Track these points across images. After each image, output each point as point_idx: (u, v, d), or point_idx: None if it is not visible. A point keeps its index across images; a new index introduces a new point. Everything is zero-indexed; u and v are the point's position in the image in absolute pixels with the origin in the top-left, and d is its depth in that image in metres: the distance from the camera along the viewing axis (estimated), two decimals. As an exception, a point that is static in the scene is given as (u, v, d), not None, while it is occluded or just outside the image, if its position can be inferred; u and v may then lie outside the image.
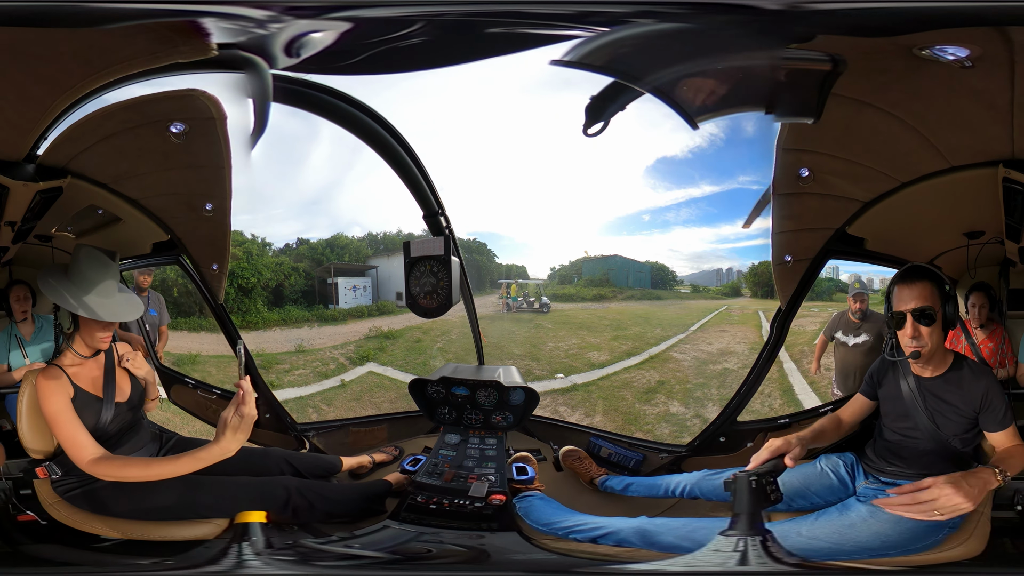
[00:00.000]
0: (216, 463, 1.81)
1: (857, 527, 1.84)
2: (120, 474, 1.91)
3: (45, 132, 2.07)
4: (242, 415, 1.76)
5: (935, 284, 1.94)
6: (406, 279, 2.28)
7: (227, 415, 1.77)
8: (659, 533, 1.90)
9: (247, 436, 1.78)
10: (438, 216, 2.56)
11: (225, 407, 1.77)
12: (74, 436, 1.93)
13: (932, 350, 1.94)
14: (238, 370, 1.85)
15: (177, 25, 1.73)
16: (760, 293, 3.94)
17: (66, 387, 1.98)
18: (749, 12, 1.69)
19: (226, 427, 1.76)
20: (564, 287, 4.66)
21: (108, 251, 2.08)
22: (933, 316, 1.92)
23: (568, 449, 2.59)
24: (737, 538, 1.72)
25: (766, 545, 1.72)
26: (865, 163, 2.15)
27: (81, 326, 2.03)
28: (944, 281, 1.97)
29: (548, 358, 4.43)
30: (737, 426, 2.62)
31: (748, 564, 1.68)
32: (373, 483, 2.42)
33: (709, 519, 1.91)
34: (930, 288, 1.93)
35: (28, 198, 2.18)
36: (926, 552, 1.80)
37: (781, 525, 1.89)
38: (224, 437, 1.76)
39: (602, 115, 2.04)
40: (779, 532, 1.79)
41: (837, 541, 1.81)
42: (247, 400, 1.77)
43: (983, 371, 1.98)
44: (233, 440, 1.77)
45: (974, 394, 1.92)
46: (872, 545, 1.80)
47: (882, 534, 1.80)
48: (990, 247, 2.28)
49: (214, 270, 2.66)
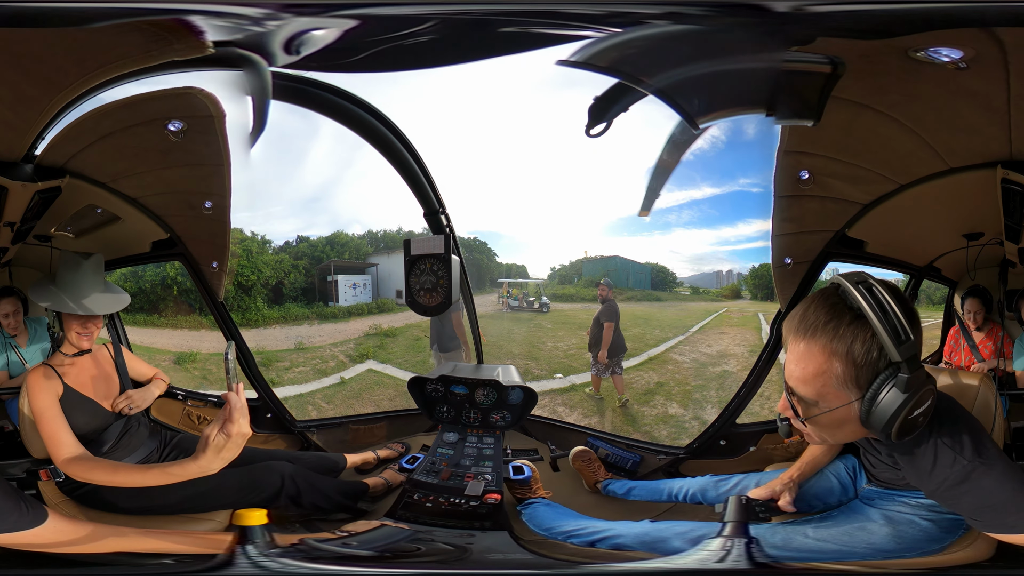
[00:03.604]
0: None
1: (868, 528, 1.80)
2: (87, 476, 1.87)
3: (42, 132, 2.07)
4: (228, 434, 1.49)
5: (841, 349, 1.23)
6: (406, 277, 2.28)
7: (210, 432, 1.51)
8: (664, 538, 1.86)
9: (234, 456, 1.54)
10: (439, 214, 2.56)
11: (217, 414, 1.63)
12: (55, 434, 1.93)
13: (826, 442, 1.42)
14: (226, 379, 1.55)
15: (167, 23, 1.72)
16: (760, 295, 3.94)
17: (55, 385, 1.99)
18: (759, 13, 1.68)
19: (208, 445, 1.51)
20: (564, 287, 4.66)
21: (85, 252, 2.13)
22: (811, 410, 1.30)
23: (579, 450, 2.59)
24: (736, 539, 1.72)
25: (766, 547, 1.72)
26: (864, 165, 2.14)
27: (64, 325, 2.05)
28: (873, 346, 1.22)
29: (547, 358, 4.43)
30: (736, 428, 2.62)
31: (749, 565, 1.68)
32: (351, 482, 2.43)
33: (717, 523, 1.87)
34: (821, 361, 1.25)
35: (27, 198, 2.19)
36: (937, 555, 1.76)
37: (786, 527, 1.86)
38: (205, 456, 1.52)
39: (605, 116, 2.04)
40: (785, 534, 1.78)
41: (848, 543, 1.77)
42: (234, 416, 1.50)
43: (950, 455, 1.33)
44: (215, 460, 1.52)
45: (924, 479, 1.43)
46: (888, 547, 1.75)
47: (898, 535, 1.75)
48: (989, 248, 2.27)
49: (214, 268, 2.66)
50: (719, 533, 1.76)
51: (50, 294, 2.06)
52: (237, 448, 1.53)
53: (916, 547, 1.76)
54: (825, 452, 2.08)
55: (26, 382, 2.00)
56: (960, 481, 1.32)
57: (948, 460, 1.34)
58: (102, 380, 2.14)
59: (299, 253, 4.21)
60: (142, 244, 2.61)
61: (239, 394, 1.53)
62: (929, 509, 1.84)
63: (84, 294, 2.07)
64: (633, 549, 1.89)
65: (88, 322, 2.07)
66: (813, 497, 2.05)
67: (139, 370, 2.36)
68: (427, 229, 2.62)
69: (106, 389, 2.13)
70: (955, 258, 2.33)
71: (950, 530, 1.76)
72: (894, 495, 1.91)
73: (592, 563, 1.86)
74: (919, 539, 1.75)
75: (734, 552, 1.70)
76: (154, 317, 3.10)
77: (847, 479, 2.07)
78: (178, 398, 2.76)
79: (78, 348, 2.08)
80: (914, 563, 1.75)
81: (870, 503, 1.92)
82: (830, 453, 2.09)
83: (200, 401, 2.79)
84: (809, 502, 2.04)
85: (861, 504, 1.93)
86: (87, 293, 2.08)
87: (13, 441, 2.20)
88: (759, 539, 1.74)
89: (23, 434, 2.07)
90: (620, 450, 2.67)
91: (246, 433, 1.52)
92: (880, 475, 1.90)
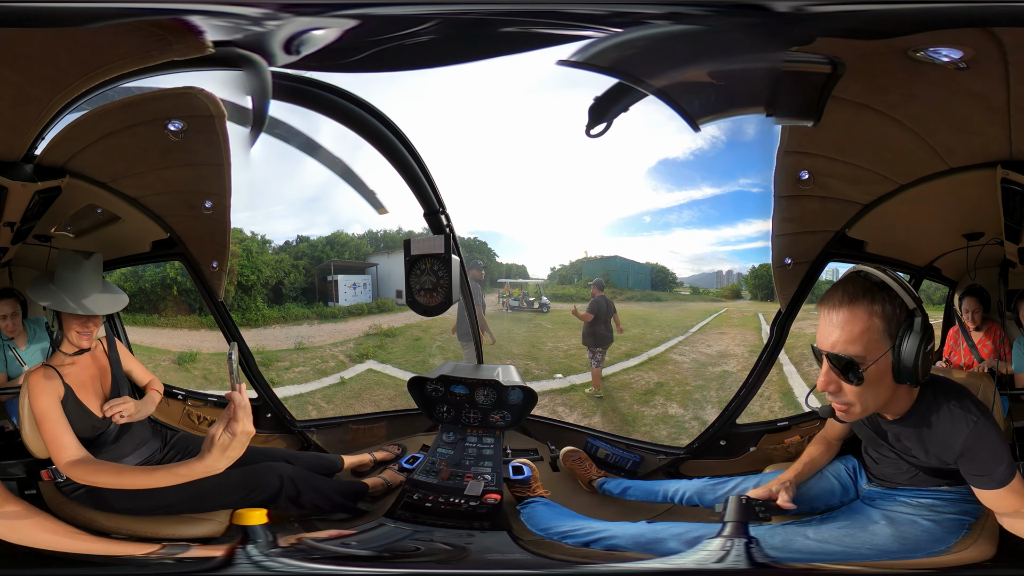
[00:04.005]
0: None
1: (870, 529, 1.79)
2: (92, 479, 1.87)
3: (42, 132, 2.07)
4: (233, 433, 1.54)
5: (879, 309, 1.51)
6: (406, 277, 2.28)
7: (215, 432, 1.56)
8: (660, 539, 1.85)
9: (239, 454, 1.59)
10: (439, 214, 2.55)
11: (219, 414, 1.64)
12: (57, 436, 1.92)
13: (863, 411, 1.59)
14: (229, 379, 1.61)
15: (167, 23, 1.72)
16: (760, 296, 3.94)
17: (56, 387, 1.99)
18: (760, 13, 1.68)
19: (214, 445, 1.56)
20: (564, 287, 4.66)
21: (86, 252, 2.11)
22: (857, 369, 1.51)
23: (569, 450, 2.59)
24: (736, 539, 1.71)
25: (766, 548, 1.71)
26: (864, 166, 2.14)
27: (63, 324, 2.05)
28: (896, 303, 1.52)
29: (547, 358, 4.44)
30: (736, 429, 2.61)
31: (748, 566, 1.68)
32: (350, 483, 2.43)
33: (714, 524, 1.87)
34: (865, 319, 1.52)
35: (27, 198, 2.18)
36: (941, 555, 1.75)
37: (786, 528, 1.85)
38: (211, 455, 1.57)
39: (605, 116, 2.04)
40: (785, 534, 1.77)
41: (850, 544, 1.76)
42: (239, 415, 1.55)
43: (962, 415, 1.56)
44: (221, 459, 1.57)
45: (949, 442, 1.58)
46: (891, 548, 1.75)
47: (901, 536, 1.75)
48: (989, 248, 2.27)
49: (214, 268, 2.66)
50: (719, 533, 1.75)
51: (49, 293, 2.06)
52: (242, 447, 1.57)
53: (920, 548, 1.75)
54: (823, 453, 2.07)
55: (26, 383, 2.00)
56: (978, 437, 1.55)
57: (963, 420, 1.56)
58: (102, 378, 2.14)
59: (299, 253, 4.21)
60: (142, 244, 2.61)
61: (242, 394, 1.58)
62: (931, 509, 1.84)
63: (85, 294, 2.07)
64: (628, 550, 1.88)
65: (88, 322, 2.07)
66: (814, 498, 2.03)
67: (136, 374, 2.35)
68: (427, 229, 2.62)
69: (105, 387, 2.13)
70: (955, 258, 2.33)
71: (953, 531, 1.76)
72: (895, 495, 1.91)
73: (587, 563, 1.86)
74: (922, 540, 1.75)
75: (733, 552, 1.70)
76: (154, 317, 3.10)
77: (848, 480, 2.06)
78: (178, 398, 2.76)
79: (78, 347, 2.08)
80: (919, 563, 1.75)
81: (871, 503, 1.92)
82: (828, 454, 2.09)
83: (200, 401, 2.79)
84: (810, 503, 2.02)
85: (862, 504, 1.92)
86: (87, 293, 2.08)
87: (13, 441, 2.20)
88: (759, 540, 1.73)
89: (23, 434, 2.07)
90: (620, 450, 2.67)
91: (250, 432, 1.56)
92: (884, 470, 1.90)
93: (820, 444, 2.08)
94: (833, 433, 2.08)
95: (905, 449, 1.74)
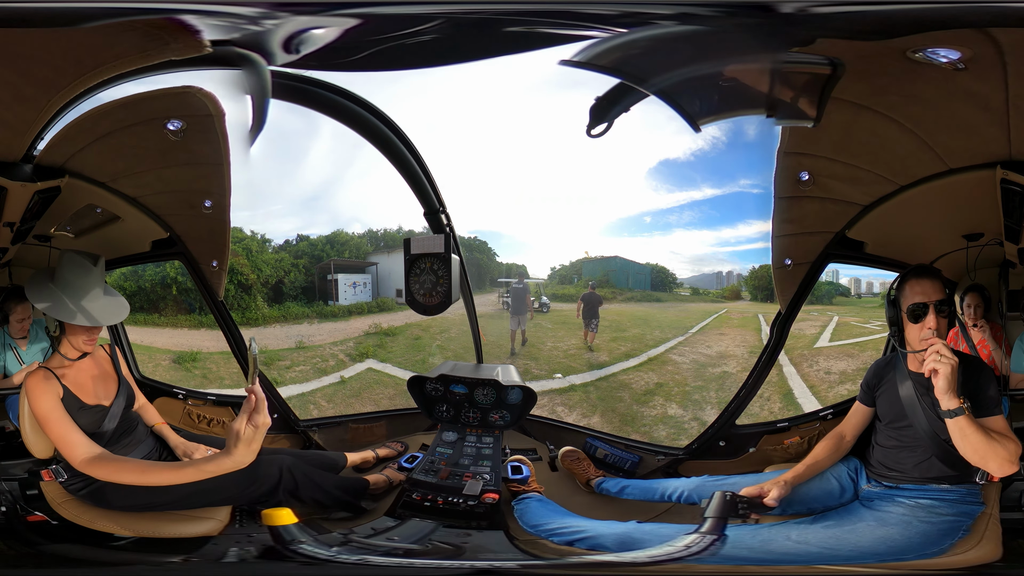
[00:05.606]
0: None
1: (859, 531, 1.81)
2: (116, 476, 1.88)
3: (41, 132, 2.07)
4: (256, 425, 1.61)
5: (943, 282, 1.97)
6: (406, 276, 2.28)
7: (239, 426, 1.61)
8: (645, 540, 1.86)
9: (259, 446, 1.66)
10: (439, 214, 2.55)
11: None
12: (65, 435, 1.92)
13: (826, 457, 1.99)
14: (248, 374, 1.66)
15: (161, 22, 1.72)
16: (760, 297, 3.93)
17: (55, 388, 1.98)
18: (765, 13, 1.68)
19: (239, 439, 1.61)
20: (564, 287, 4.65)
21: (91, 255, 2.08)
22: (948, 310, 1.94)
23: (567, 450, 2.59)
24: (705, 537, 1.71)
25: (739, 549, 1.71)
26: (864, 166, 2.15)
27: (66, 330, 2.03)
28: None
29: (547, 358, 4.43)
30: (736, 430, 2.61)
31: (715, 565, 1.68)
32: (350, 479, 2.43)
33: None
34: (942, 285, 1.96)
35: (26, 198, 2.19)
36: (940, 557, 1.77)
37: (771, 528, 1.86)
38: (237, 450, 1.62)
39: (606, 116, 2.04)
40: (767, 535, 1.78)
41: (832, 546, 1.78)
42: (260, 408, 1.62)
43: (979, 363, 1.97)
44: (247, 453, 1.63)
45: (967, 383, 1.84)
46: (878, 550, 1.77)
47: (888, 539, 1.77)
48: (989, 249, 2.27)
49: (214, 267, 2.66)
50: (695, 530, 1.75)
51: (50, 295, 2.03)
52: (261, 438, 1.64)
53: (910, 550, 1.77)
54: (832, 453, 2.08)
55: (25, 385, 1.99)
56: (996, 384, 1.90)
57: (990, 373, 1.92)
58: (101, 380, 2.13)
59: (299, 252, 4.21)
60: (142, 243, 2.61)
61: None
62: (928, 511, 1.84)
63: (91, 301, 2.03)
64: (611, 550, 1.89)
65: (94, 330, 2.06)
66: (812, 499, 2.04)
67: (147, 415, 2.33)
68: (427, 228, 2.62)
69: (104, 389, 2.12)
70: (955, 259, 2.32)
71: (948, 533, 1.77)
72: (895, 495, 1.92)
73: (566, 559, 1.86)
74: (913, 542, 1.77)
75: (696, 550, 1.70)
76: (154, 317, 3.10)
77: (848, 481, 2.07)
78: (178, 397, 2.75)
79: (82, 352, 2.07)
80: (919, 564, 1.75)
81: (868, 504, 1.92)
82: (838, 453, 2.09)
83: (200, 400, 2.78)
84: (808, 504, 2.04)
85: (858, 506, 1.93)
86: (94, 300, 2.04)
87: (13, 441, 2.20)
88: (733, 539, 1.74)
89: (23, 435, 2.07)
90: (619, 450, 2.67)
91: (268, 423, 1.63)
92: (889, 462, 1.95)
93: (833, 440, 2.10)
94: (851, 428, 2.11)
95: (930, 406, 1.87)
